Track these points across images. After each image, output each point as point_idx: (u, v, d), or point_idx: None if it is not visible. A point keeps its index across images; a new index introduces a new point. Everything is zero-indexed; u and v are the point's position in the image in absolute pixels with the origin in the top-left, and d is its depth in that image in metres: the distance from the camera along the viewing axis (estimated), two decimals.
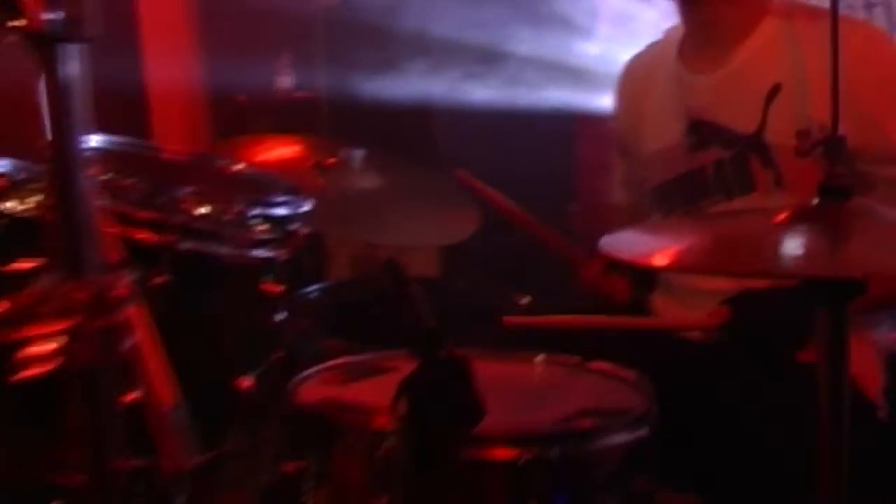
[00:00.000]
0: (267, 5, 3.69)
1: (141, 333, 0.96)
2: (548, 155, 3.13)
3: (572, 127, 3.07)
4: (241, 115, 3.86)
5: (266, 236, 1.55)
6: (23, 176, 1.45)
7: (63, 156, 0.84)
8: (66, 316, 0.75)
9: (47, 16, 0.84)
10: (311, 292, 2.27)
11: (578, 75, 3.03)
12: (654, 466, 1.33)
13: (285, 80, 4.19)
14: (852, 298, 1.06)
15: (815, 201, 1.09)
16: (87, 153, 1.73)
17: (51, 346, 0.78)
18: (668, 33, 2.02)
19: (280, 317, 1.57)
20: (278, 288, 1.50)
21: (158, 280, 1.35)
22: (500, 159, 3.03)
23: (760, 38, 1.85)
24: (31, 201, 1.37)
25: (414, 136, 3.24)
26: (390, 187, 2.46)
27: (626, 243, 1.23)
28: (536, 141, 3.10)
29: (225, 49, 4.03)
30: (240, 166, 2.08)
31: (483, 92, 3.14)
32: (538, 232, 2.13)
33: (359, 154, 2.48)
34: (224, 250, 1.44)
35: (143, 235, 1.40)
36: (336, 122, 3.54)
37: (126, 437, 0.87)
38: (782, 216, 1.09)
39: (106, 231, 0.87)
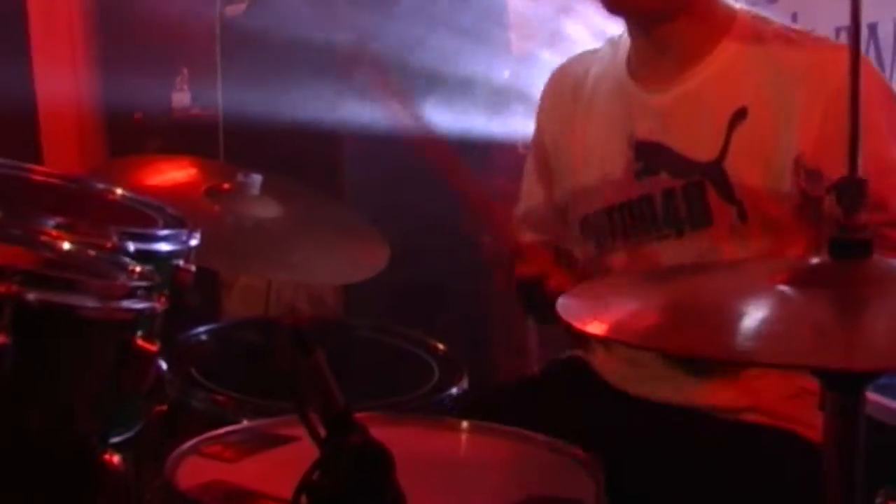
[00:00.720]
0: (165, 20, 3.50)
1: None
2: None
3: (487, 155, 2.88)
4: (136, 134, 3.66)
5: (140, 283, 1.30)
6: None
7: None
8: None
9: None
10: (197, 335, 2.04)
11: (493, 101, 2.86)
12: None
13: (182, 98, 3.98)
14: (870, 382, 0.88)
15: (819, 260, 0.90)
16: None
17: None
18: (612, 43, 1.83)
19: (156, 372, 1.34)
20: (153, 345, 1.26)
21: None
22: (411, 187, 2.85)
23: (723, 58, 1.68)
24: None
25: (319, 161, 3.03)
26: (291, 217, 2.25)
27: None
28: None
29: (120, 64, 3.84)
30: (120, 192, 1.86)
31: (396, 115, 2.95)
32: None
33: (257, 180, 2.26)
34: (86, 302, 1.20)
35: None
36: (234, 144, 3.32)
37: None
38: (776, 278, 0.90)
39: None
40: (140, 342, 1.24)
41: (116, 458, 1.20)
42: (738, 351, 0.89)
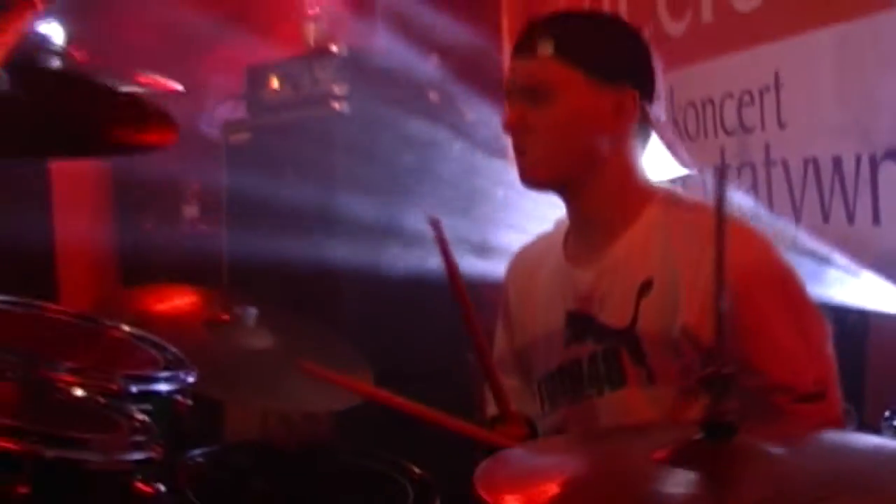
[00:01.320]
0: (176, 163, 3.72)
1: None
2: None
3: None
4: (146, 266, 3.87)
5: (140, 436, 1.49)
6: None
7: None
8: None
9: None
10: (194, 457, 2.20)
11: (482, 247, 3.06)
12: None
13: (192, 210, 4.23)
14: None
15: (698, 437, 1.08)
16: None
17: None
18: (558, 224, 2.05)
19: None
20: (151, 489, 1.44)
21: (21, 490, 1.28)
22: (408, 322, 3.06)
23: (637, 232, 1.87)
24: None
25: (319, 295, 3.25)
26: (284, 347, 2.43)
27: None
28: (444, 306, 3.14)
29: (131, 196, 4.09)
30: (126, 329, 2.05)
31: (391, 255, 3.17)
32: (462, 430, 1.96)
33: (252, 312, 2.45)
34: (94, 457, 1.39)
35: (6, 444, 1.34)
36: (237, 267, 3.55)
37: None
38: (663, 454, 1.08)
39: None
40: (139, 486, 1.42)
41: None
42: None
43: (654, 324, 1.78)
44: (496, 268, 2.87)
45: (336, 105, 3.42)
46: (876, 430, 2.49)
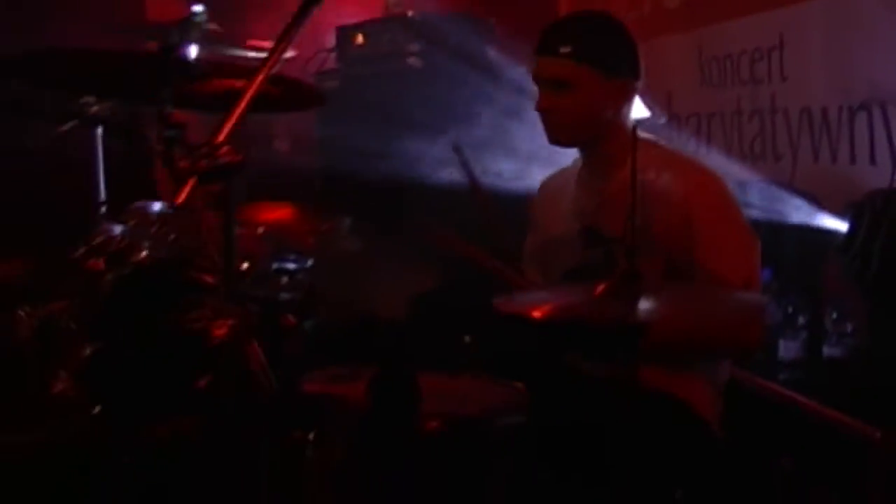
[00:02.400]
0: None
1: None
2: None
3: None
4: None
5: (286, 285, 2.28)
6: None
7: None
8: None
9: None
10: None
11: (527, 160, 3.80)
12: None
13: (283, 145, 5.01)
14: (640, 338, 1.80)
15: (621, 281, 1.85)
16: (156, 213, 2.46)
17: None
18: (575, 162, 2.80)
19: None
20: (293, 321, 2.20)
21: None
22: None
23: (624, 173, 2.57)
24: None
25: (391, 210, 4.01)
26: (370, 250, 3.22)
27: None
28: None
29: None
30: (261, 230, 2.83)
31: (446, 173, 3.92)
32: (498, 271, 2.74)
33: (347, 221, 3.24)
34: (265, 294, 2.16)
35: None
36: (327, 195, 4.34)
37: None
38: (601, 288, 1.85)
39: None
40: (286, 319, 2.19)
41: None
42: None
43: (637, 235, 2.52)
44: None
45: (410, 60, 4.18)
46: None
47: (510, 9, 4.52)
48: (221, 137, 1.49)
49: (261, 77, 1.55)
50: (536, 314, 1.83)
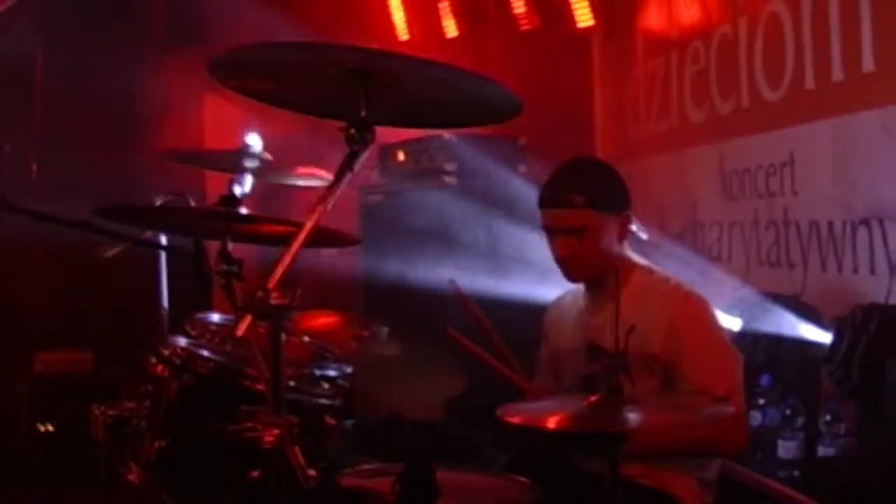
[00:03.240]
0: None
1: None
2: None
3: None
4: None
5: (327, 390, 2.63)
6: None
7: None
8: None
9: None
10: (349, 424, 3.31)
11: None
12: None
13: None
14: (622, 444, 2.12)
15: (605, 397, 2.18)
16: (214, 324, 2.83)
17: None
18: (580, 286, 3.15)
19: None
20: (334, 421, 2.54)
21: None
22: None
23: (625, 296, 2.85)
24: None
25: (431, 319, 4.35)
26: (406, 355, 3.57)
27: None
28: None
29: None
30: (306, 339, 3.19)
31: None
32: (510, 378, 2.99)
33: (385, 330, 3.60)
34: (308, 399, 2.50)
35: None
36: (370, 302, 4.71)
37: None
38: (592, 400, 2.18)
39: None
40: (329, 419, 2.52)
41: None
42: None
43: (635, 352, 2.73)
44: None
45: (446, 179, 4.57)
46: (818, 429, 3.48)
47: (544, 127, 4.85)
48: (274, 282, 1.84)
49: (310, 224, 1.89)
50: (539, 424, 2.17)
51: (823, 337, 3.49)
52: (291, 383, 2.50)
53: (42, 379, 5.35)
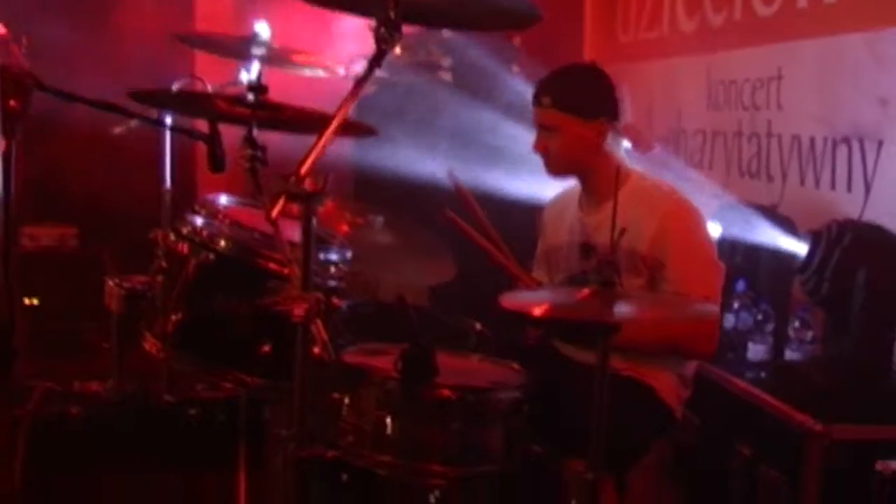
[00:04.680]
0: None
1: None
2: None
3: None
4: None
5: (333, 273, 2.77)
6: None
7: None
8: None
9: None
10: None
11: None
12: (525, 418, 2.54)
13: None
14: (613, 334, 2.28)
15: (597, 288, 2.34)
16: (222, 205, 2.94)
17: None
18: (575, 185, 3.29)
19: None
20: (340, 304, 2.68)
21: None
22: None
23: (619, 198, 2.93)
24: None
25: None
26: (399, 243, 3.69)
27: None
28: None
29: None
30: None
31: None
32: (506, 266, 3.15)
33: (380, 219, 3.72)
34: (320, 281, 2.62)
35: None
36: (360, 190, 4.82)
37: None
38: (586, 293, 2.34)
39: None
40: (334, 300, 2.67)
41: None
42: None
43: (624, 251, 2.93)
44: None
45: (442, 74, 4.66)
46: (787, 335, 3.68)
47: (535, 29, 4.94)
48: (306, 168, 1.97)
49: (343, 112, 2.01)
50: (535, 311, 2.33)
51: (798, 248, 3.66)
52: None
53: (27, 253, 5.41)
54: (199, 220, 2.70)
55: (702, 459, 3.56)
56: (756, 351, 3.67)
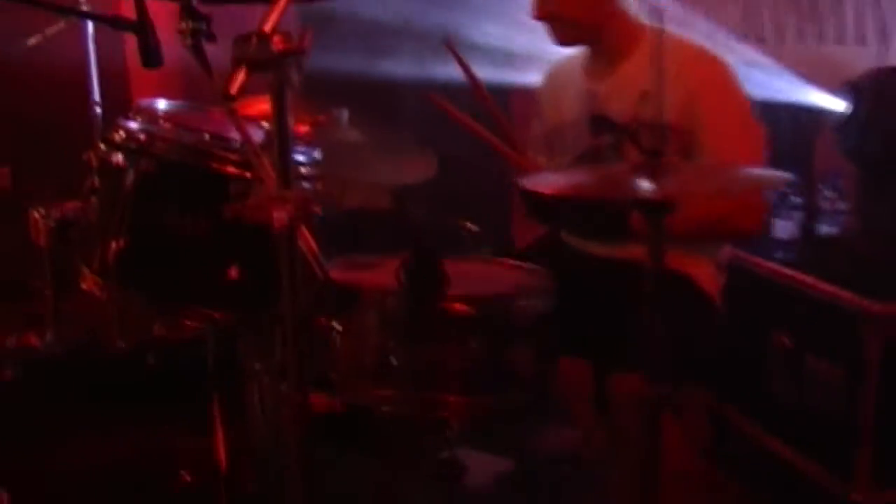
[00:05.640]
0: None
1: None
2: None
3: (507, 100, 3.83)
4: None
5: (304, 176, 2.29)
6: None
7: None
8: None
9: None
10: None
11: (513, 59, 3.80)
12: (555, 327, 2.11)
13: None
14: (666, 215, 1.83)
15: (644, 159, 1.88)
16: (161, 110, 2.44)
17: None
18: (580, 49, 2.79)
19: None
20: (318, 210, 2.21)
21: None
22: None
23: (635, 58, 2.61)
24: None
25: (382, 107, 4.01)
26: (368, 141, 3.21)
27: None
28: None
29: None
30: (266, 125, 2.82)
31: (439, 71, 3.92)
32: (497, 146, 2.70)
33: (345, 113, 3.23)
34: None
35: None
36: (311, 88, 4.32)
37: None
38: (630, 165, 1.88)
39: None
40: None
41: None
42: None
43: (647, 121, 2.50)
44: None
45: None
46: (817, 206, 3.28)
47: None
48: (270, 25, 1.48)
49: None
50: (569, 192, 1.88)
51: (821, 103, 3.24)
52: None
53: None
54: (134, 125, 2.20)
55: (735, 355, 3.14)
56: (784, 227, 3.25)
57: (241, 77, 1.46)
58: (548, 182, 2.02)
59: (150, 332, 2.81)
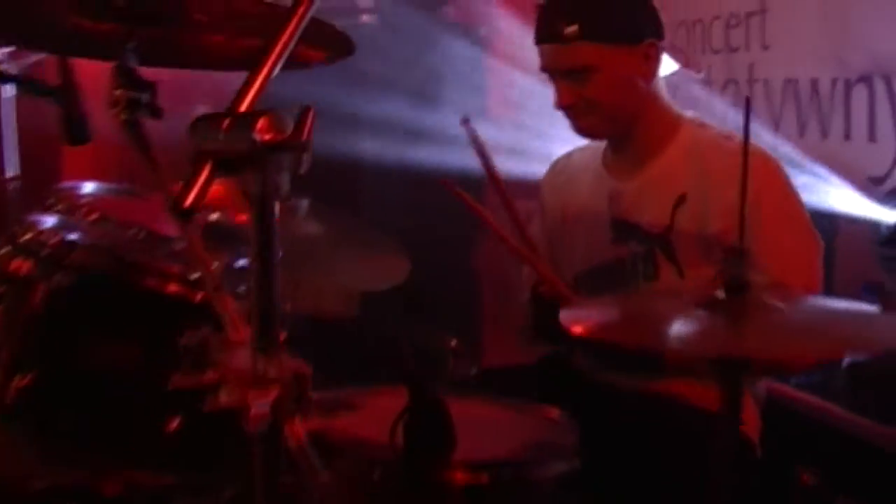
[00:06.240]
0: None
1: None
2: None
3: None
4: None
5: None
6: None
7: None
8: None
9: None
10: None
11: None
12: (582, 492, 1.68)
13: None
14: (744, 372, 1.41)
15: (720, 294, 1.45)
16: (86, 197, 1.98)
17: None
18: (591, 143, 2.40)
19: None
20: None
21: None
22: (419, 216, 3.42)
23: (671, 154, 2.23)
24: None
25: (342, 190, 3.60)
26: (331, 234, 2.78)
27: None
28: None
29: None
30: (215, 216, 2.37)
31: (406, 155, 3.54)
32: (532, 261, 2.28)
33: (304, 203, 2.79)
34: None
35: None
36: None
37: None
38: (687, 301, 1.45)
39: None
40: None
41: None
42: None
43: (685, 230, 2.15)
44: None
45: (364, 17, 3.77)
46: None
47: None
48: (249, 105, 1.03)
49: (292, 28, 1.08)
50: (624, 339, 1.44)
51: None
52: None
53: None
54: (50, 221, 1.72)
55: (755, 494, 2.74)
56: None
57: (202, 180, 0.99)
58: (589, 319, 1.58)
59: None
